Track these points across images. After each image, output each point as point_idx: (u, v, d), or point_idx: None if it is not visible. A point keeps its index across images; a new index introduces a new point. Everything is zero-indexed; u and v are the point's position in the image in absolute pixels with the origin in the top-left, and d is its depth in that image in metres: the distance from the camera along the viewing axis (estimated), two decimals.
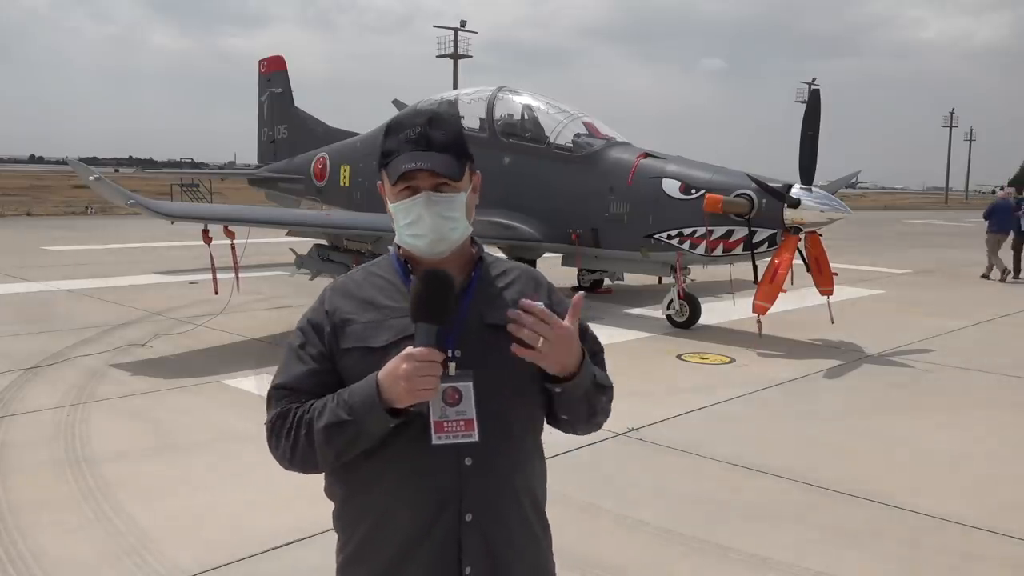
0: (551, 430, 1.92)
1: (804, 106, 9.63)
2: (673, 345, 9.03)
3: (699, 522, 4.41)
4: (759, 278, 9.13)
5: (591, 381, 1.77)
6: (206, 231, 8.60)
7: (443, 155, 1.75)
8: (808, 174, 9.28)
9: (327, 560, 4.10)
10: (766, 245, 9.33)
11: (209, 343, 8.66)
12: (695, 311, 10.00)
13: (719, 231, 9.49)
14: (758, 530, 4.36)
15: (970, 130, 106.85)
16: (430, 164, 1.73)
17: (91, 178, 8.16)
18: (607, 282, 12.71)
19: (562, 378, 1.72)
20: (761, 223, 9.27)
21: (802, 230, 9.11)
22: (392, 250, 1.88)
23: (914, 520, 4.51)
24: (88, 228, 24.49)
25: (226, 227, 8.65)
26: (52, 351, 8.07)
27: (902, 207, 64.24)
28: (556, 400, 1.78)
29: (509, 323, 1.65)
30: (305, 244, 11.54)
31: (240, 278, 9.06)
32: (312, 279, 10.99)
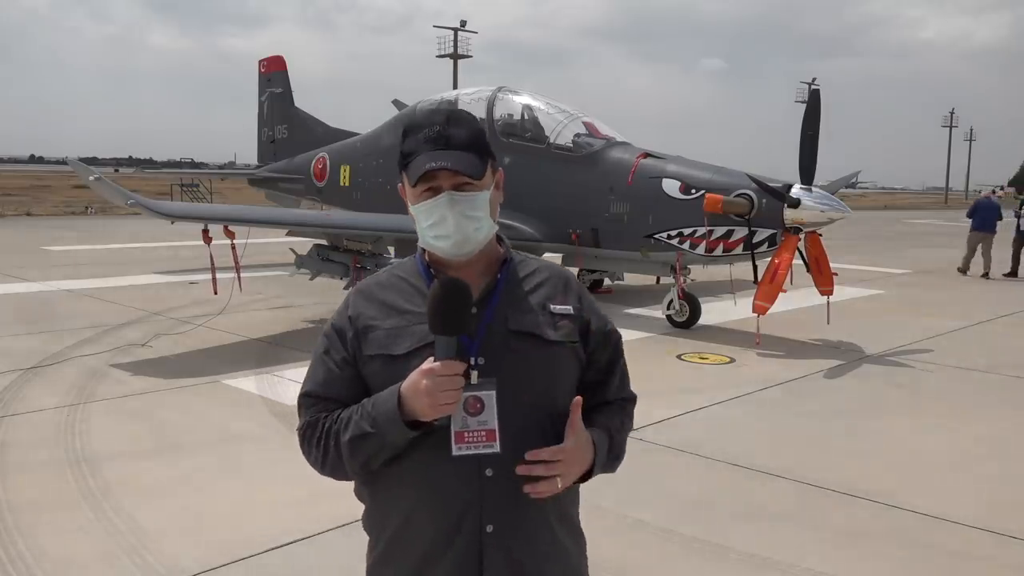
0: None
1: (804, 106, 9.63)
2: (673, 345, 9.03)
3: (699, 522, 4.41)
4: (759, 278, 9.13)
5: (605, 460, 1.79)
6: (206, 231, 8.61)
7: (464, 153, 1.71)
8: (808, 174, 9.28)
9: (327, 559, 4.12)
10: (766, 245, 9.33)
11: (209, 343, 8.66)
12: (695, 311, 10.00)
13: (719, 231, 9.49)
14: (758, 530, 4.36)
15: (970, 130, 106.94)
16: (451, 163, 1.69)
17: (91, 178, 8.16)
18: (607, 282, 12.72)
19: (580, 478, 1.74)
20: (761, 223, 9.27)
21: (802, 230, 9.11)
22: (416, 252, 1.84)
23: (914, 520, 4.51)
24: (88, 228, 24.50)
25: (226, 227, 8.66)
26: (52, 351, 8.07)
27: (902, 207, 64.25)
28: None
29: (521, 473, 1.64)
30: (305, 244, 11.54)
31: (240, 278, 9.06)
32: (312, 279, 10.99)
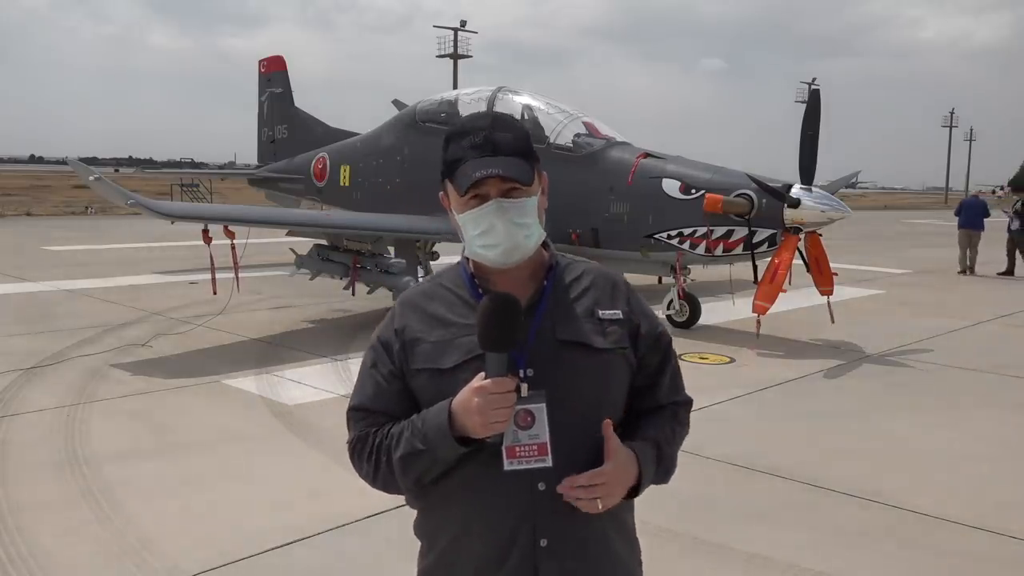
0: None
1: (804, 106, 9.63)
2: (673, 345, 9.00)
3: (699, 522, 4.41)
4: (759, 278, 9.13)
5: (653, 474, 1.76)
6: (206, 231, 8.61)
7: (512, 159, 1.66)
8: (808, 174, 9.28)
9: (328, 559, 4.12)
10: (766, 245, 9.33)
11: (209, 343, 8.66)
12: (695, 311, 10.00)
13: (719, 231, 9.48)
14: (758, 530, 4.36)
15: (970, 130, 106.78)
16: (500, 169, 1.64)
17: (91, 178, 8.16)
18: None
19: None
20: (761, 223, 9.26)
21: (802, 230, 9.11)
22: (460, 261, 1.81)
23: (914, 520, 4.51)
24: (88, 228, 24.51)
25: (226, 227, 8.66)
26: (52, 351, 8.07)
27: (902, 207, 64.25)
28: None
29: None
30: (305, 244, 11.54)
31: (240, 278, 9.07)
32: (312, 279, 10.99)
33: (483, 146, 1.66)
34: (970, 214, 17.40)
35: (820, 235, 9.44)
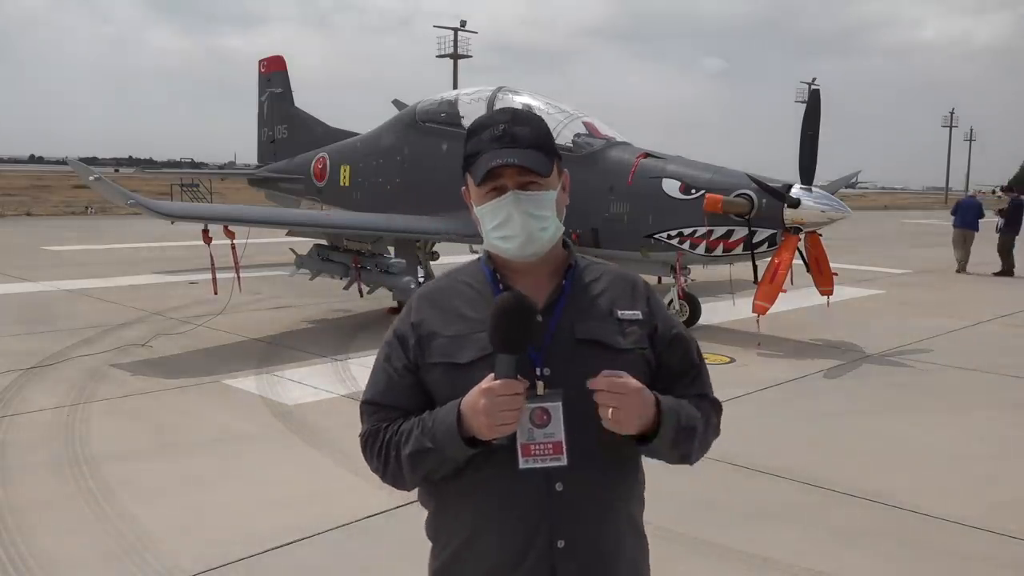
0: None
1: (804, 106, 9.63)
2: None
3: (699, 522, 4.41)
4: (759, 278, 9.13)
5: (674, 430, 1.69)
6: (206, 231, 8.61)
7: (529, 151, 1.68)
8: (808, 174, 9.28)
9: (328, 559, 4.12)
10: (766, 245, 9.33)
11: (209, 343, 8.66)
12: (695, 311, 9.99)
13: (719, 231, 9.48)
14: (758, 530, 4.36)
15: (970, 130, 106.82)
16: (517, 159, 1.66)
17: (91, 178, 8.16)
18: None
19: (642, 437, 1.66)
20: (761, 223, 9.26)
21: (802, 230, 9.11)
22: (481, 256, 1.81)
23: (914, 520, 4.51)
24: (88, 228, 24.50)
25: (226, 227, 8.66)
26: (52, 351, 8.07)
27: (902, 207, 64.25)
28: (643, 451, 1.73)
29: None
30: (305, 244, 11.54)
31: (240, 278, 9.07)
32: (312, 279, 10.99)
33: (502, 138, 1.68)
34: (966, 214, 17.69)
35: (820, 235, 9.44)
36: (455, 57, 59.45)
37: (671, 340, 1.82)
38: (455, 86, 43.15)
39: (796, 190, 9.12)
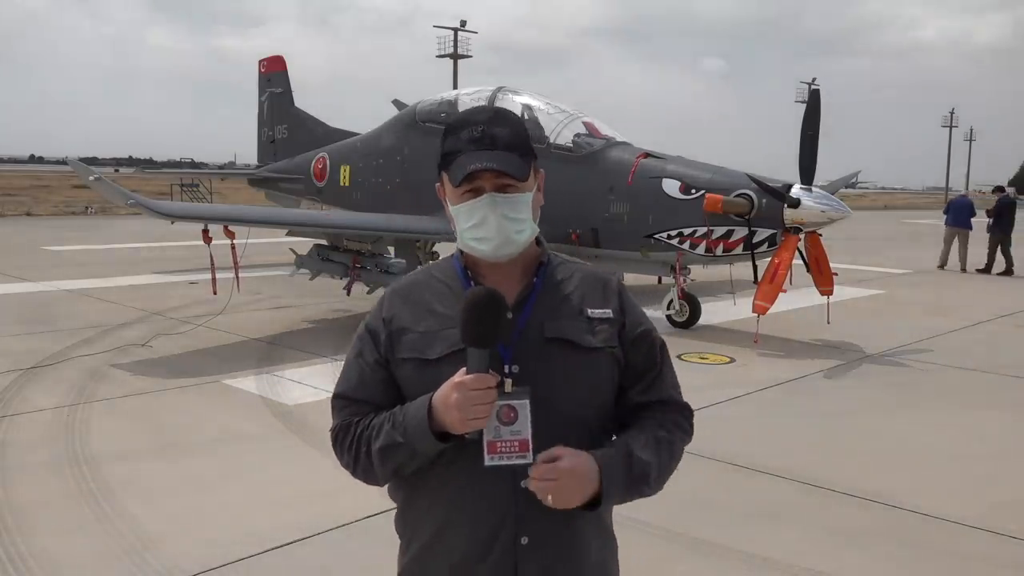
0: None
1: (804, 106, 9.64)
2: (673, 345, 8.93)
3: (699, 522, 4.41)
4: (759, 278, 9.13)
5: (623, 489, 1.67)
6: (206, 231, 8.61)
7: (508, 154, 1.66)
8: (808, 174, 9.29)
9: (328, 559, 4.12)
10: (766, 245, 9.33)
11: (209, 343, 8.66)
12: (695, 311, 10.00)
13: (719, 231, 9.49)
14: (758, 530, 4.36)
15: (970, 130, 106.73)
16: (496, 163, 1.64)
17: (91, 178, 8.16)
18: None
19: (591, 501, 1.63)
20: (761, 223, 9.27)
21: (802, 230, 9.11)
22: (454, 254, 1.81)
23: (914, 520, 4.51)
24: (88, 228, 24.49)
25: (226, 227, 8.66)
26: (52, 351, 8.07)
27: (902, 207, 64.25)
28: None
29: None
30: (305, 244, 11.54)
31: (240, 278, 9.07)
32: (312, 279, 10.98)
33: (480, 139, 1.66)
34: (958, 214, 17.97)
35: (820, 235, 9.44)
36: (455, 57, 59.44)
37: (637, 337, 1.79)
38: (455, 86, 43.16)
39: (796, 190, 9.12)
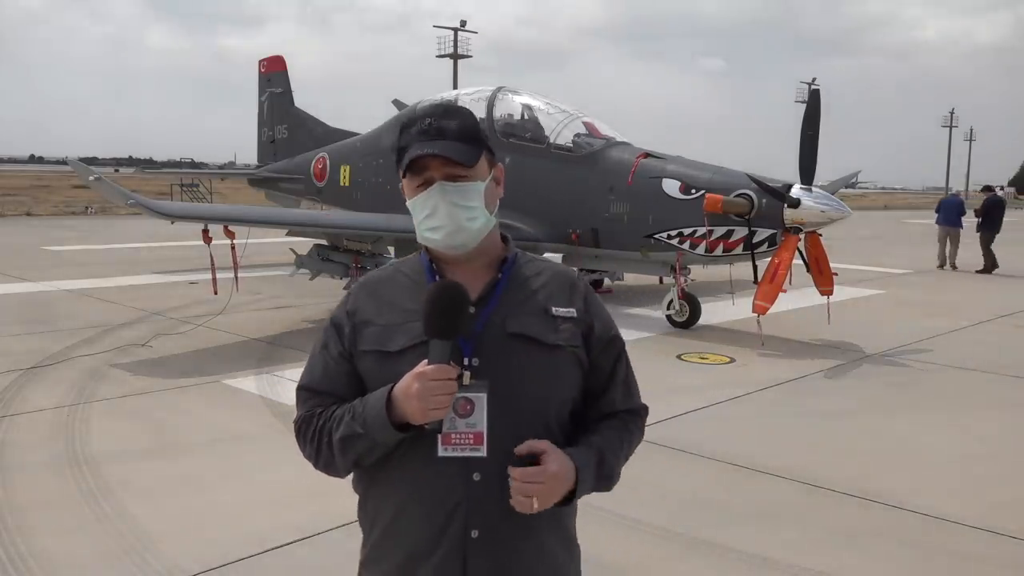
0: None
1: (804, 106, 9.64)
2: (673, 345, 9.03)
3: (699, 522, 4.41)
4: (759, 278, 9.13)
5: (591, 487, 1.73)
6: (206, 231, 8.61)
7: (454, 143, 1.70)
8: (808, 174, 9.29)
9: (327, 559, 4.12)
10: (766, 245, 9.33)
11: (209, 343, 8.66)
12: (695, 311, 10.00)
13: (719, 231, 9.49)
14: (758, 530, 4.36)
15: (970, 130, 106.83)
16: (439, 149, 1.68)
17: (91, 178, 8.16)
18: (607, 282, 12.72)
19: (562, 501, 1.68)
20: (761, 223, 9.27)
21: (802, 230, 9.12)
22: (422, 250, 1.83)
23: (914, 520, 4.51)
24: (88, 228, 24.49)
25: (226, 227, 8.66)
26: (52, 351, 8.07)
27: (902, 207, 64.23)
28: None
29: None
30: (305, 244, 11.53)
31: (240, 278, 9.07)
32: (312, 279, 10.99)
33: (427, 131, 1.71)
34: (948, 213, 18.20)
35: (820, 235, 9.44)
36: (455, 57, 59.48)
37: (608, 342, 1.82)
38: (455, 86, 43.15)
39: (796, 190, 9.13)
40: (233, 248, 8.61)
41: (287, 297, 11.66)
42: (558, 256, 11.27)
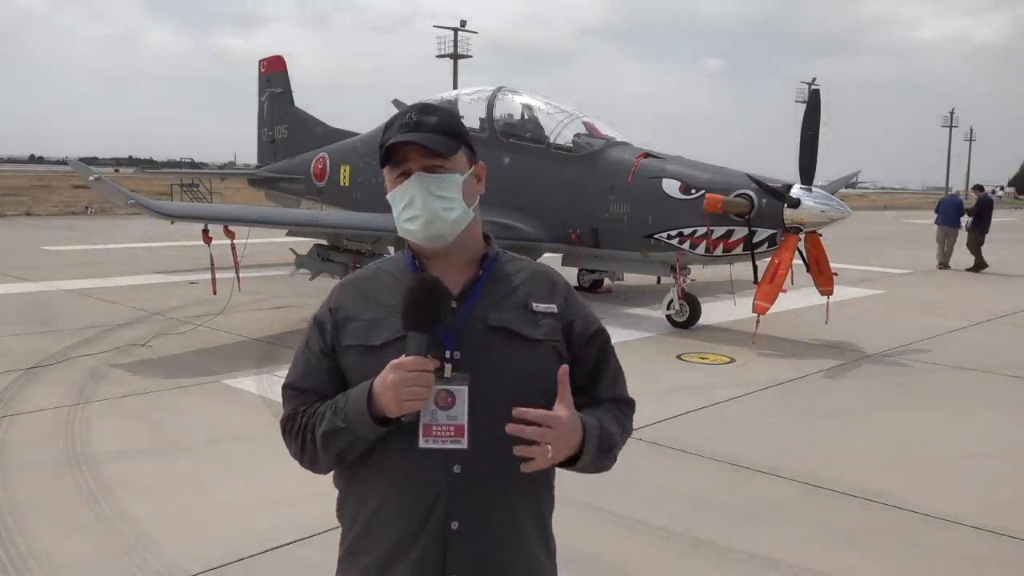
0: None
1: (804, 106, 9.64)
2: (673, 345, 9.03)
3: (699, 522, 4.41)
4: (759, 278, 9.13)
5: (596, 449, 1.73)
6: (206, 231, 8.61)
7: (432, 134, 1.73)
8: (808, 174, 9.29)
9: (327, 559, 4.09)
10: (766, 245, 9.33)
11: (209, 343, 8.66)
12: (695, 311, 9.99)
13: (719, 231, 9.49)
14: (758, 530, 4.36)
15: (970, 130, 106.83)
16: (416, 138, 1.71)
17: (91, 178, 8.16)
18: (607, 282, 12.72)
19: (568, 461, 1.68)
20: (761, 223, 9.27)
21: (802, 230, 9.11)
22: (405, 248, 1.86)
23: (914, 520, 4.51)
24: (88, 228, 24.48)
25: (226, 227, 8.66)
26: (52, 351, 8.07)
27: (902, 207, 64.23)
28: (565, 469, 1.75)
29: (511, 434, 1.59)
30: (305, 244, 11.53)
31: (240, 278, 9.07)
32: (312, 279, 10.98)
33: (408, 124, 1.74)
34: (947, 213, 18.29)
35: (820, 235, 9.44)
36: (455, 57, 59.48)
37: (591, 337, 1.84)
38: (455, 86, 43.14)
39: (796, 190, 9.13)
40: (234, 248, 8.61)
41: (287, 297, 11.66)
42: (558, 256, 11.27)
